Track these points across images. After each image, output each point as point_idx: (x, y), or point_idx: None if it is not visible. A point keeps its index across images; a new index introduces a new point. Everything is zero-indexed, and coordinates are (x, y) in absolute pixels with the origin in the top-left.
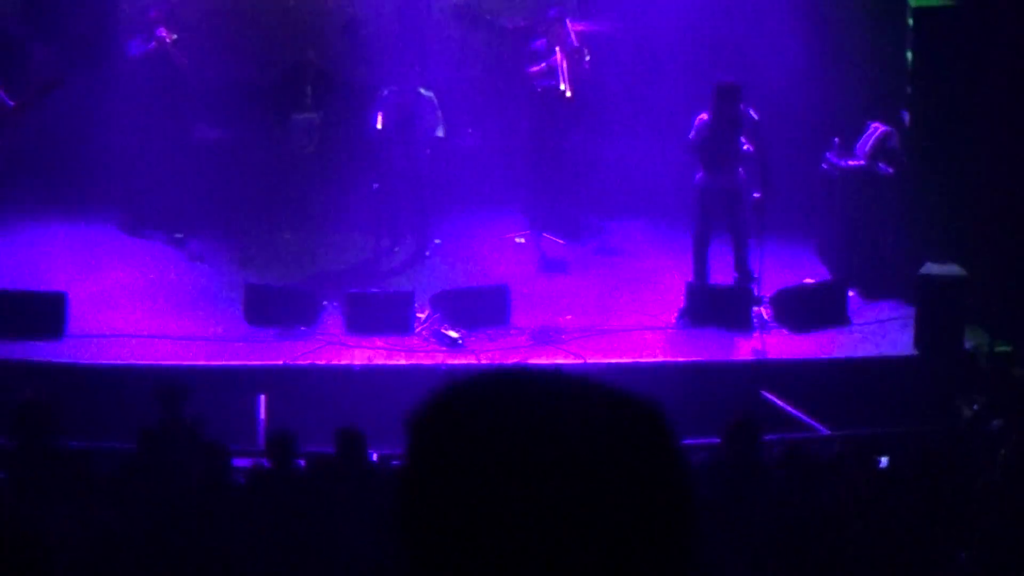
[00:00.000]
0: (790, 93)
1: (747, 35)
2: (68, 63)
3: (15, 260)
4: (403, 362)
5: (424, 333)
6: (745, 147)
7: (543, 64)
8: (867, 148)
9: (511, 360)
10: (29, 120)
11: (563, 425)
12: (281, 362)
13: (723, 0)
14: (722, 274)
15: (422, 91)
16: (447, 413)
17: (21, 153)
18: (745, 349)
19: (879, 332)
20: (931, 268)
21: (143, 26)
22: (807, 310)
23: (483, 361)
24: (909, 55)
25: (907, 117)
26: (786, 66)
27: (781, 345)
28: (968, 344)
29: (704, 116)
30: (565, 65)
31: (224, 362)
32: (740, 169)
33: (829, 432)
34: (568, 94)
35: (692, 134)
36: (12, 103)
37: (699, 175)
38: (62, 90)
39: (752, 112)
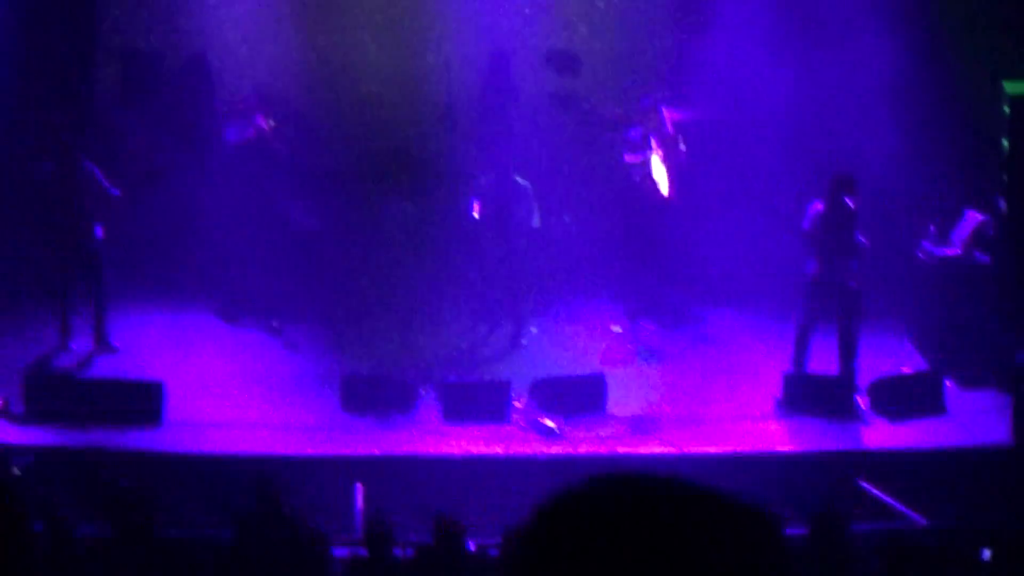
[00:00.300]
0: (886, 181)
1: (843, 121)
2: (168, 150)
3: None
4: (500, 451)
5: (521, 422)
6: (859, 239)
7: (638, 153)
8: (964, 236)
9: (607, 449)
10: (132, 208)
11: (678, 536)
12: (378, 451)
13: (819, 86)
14: (818, 363)
15: (518, 179)
16: (568, 513)
17: (119, 241)
18: (842, 439)
19: (976, 422)
20: None
21: (242, 112)
22: (904, 399)
23: (580, 451)
24: (1005, 143)
25: (1004, 205)
26: (882, 153)
27: (878, 434)
28: None
29: (818, 205)
30: (661, 154)
31: (321, 451)
32: (854, 262)
33: (927, 523)
34: (664, 185)
35: (806, 223)
36: (116, 191)
37: (811, 265)
38: (166, 178)
39: (850, 200)
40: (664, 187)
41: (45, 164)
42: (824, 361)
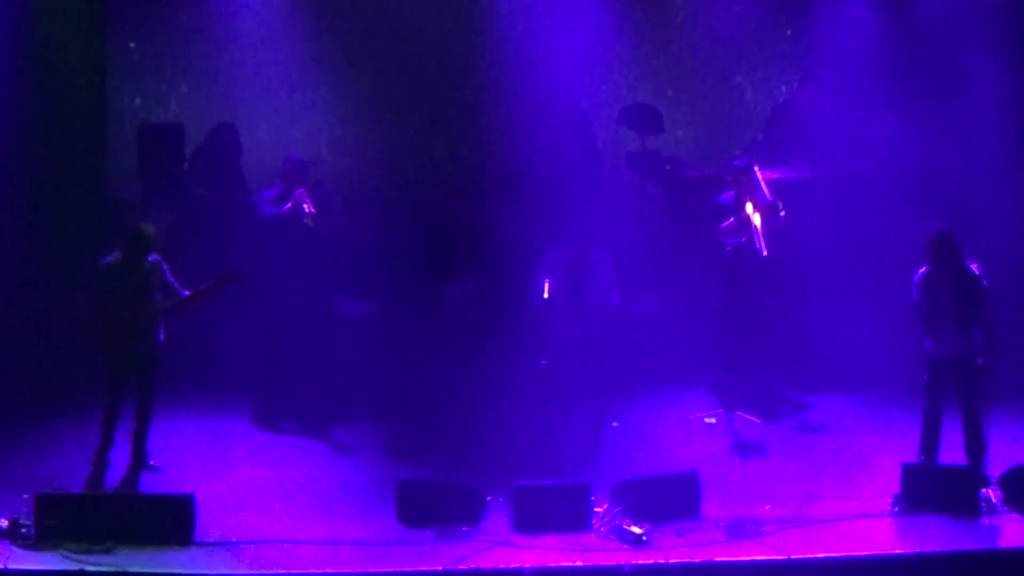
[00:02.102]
0: (1014, 243)
1: (962, 178)
2: (190, 229)
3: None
4: (580, 564)
5: (603, 529)
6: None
7: (732, 220)
8: None
9: (702, 557)
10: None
11: None
12: (441, 568)
13: (934, 134)
14: (949, 453)
15: (594, 251)
16: None
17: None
18: (972, 538)
19: None
20: None
21: (278, 179)
22: None
23: (671, 560)
24: None
25: None
26: (1007, 213)
27: (1013, 532)
28: None
29: (924, 271)
30: (758, 221)
31: (376, 568)
32: (976, 333)
33: None
34: (764, 253)
35: (914, 292)
36: (186, 293)
37: (928, 341)
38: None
39: (973, 266)
40: (763, 248)
41: (112, 255)
42: (955, 451)
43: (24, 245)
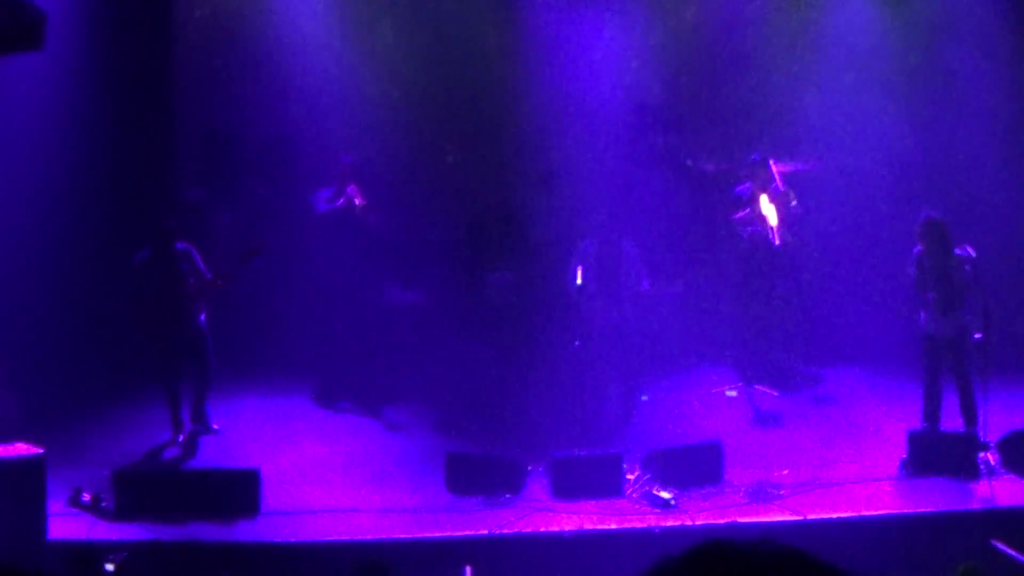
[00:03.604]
0: (1011, 226)
1: (964, 166)
2: (251, 227)
3: (209, 437)
4: (614, 527)
5: (635, 495)
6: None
7: (747, 211)
8: None
9: (726, 519)
10: (230, 291)
11: None
12: (487, 532)
13: (934, 129)
14: (948, 420)
15: (623, 241)
16: None
17: (212, 323)
18: (973, 498)
19: None
20: None
21: (332, 179)
22: None
23: (697, 522)
24: None
25: None
26: (1006, 199)
27: (1011, 492)
28: None
29: (918, 249)
30: (773, 211)
31: (427, 534)
32: (966, 311)
33: None
34: (777, 242)
35: (912, 269)
36: (210, 275)
37: (922, 316)
38: (263, 256)
39: (969, 249)
40: (776, 236)
41: (143, 251)
42: (954, 419)
43: (99, 242)
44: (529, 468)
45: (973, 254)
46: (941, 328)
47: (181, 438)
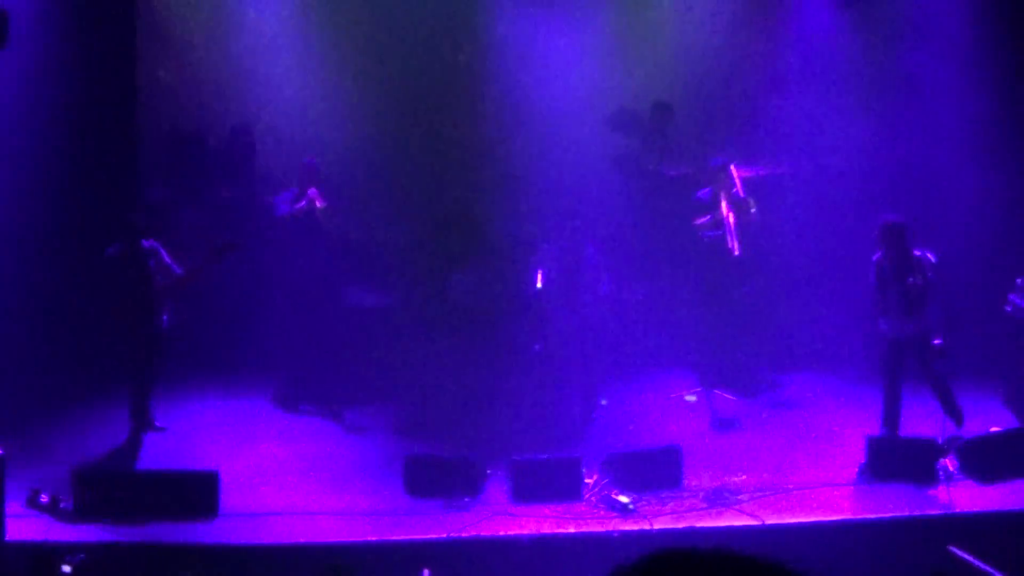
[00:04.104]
0: (971, 232)
1: (924, 174)
2: (217, 226)
3: (168, 437)
4: (572, 530)
5: (593, 499)
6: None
7: (709, 216)
8: None
9: (685, 524)
10: (195, 290)
11: None
12: (445, 535)
13: (898, 133)
14: (908, 425)
15: (586, 245)
16: None
17: (176, 323)
18: (931, 503)
19: None
20: None
21: (294, 181)
22: (995, 460)
23: (656, 527)
24: None
25: None
26: (966, 204)
27: (969, 497)
28: None
29: (877, 256)
30: (731, 217)
31: (385, 537)
32: (927, 315)
33: None
34: (736, 251)
35: (872, 276)
36: (179, 270)
37: (882, 322)
38: (234, 252)
39: (929, 255)
40: (735, 245)
41: (113, 247)
42: (916, 424)
43: (62, 242)
44: (488, 471)
45: (933, 259)
46: (903, 330)
47: (141, 437)
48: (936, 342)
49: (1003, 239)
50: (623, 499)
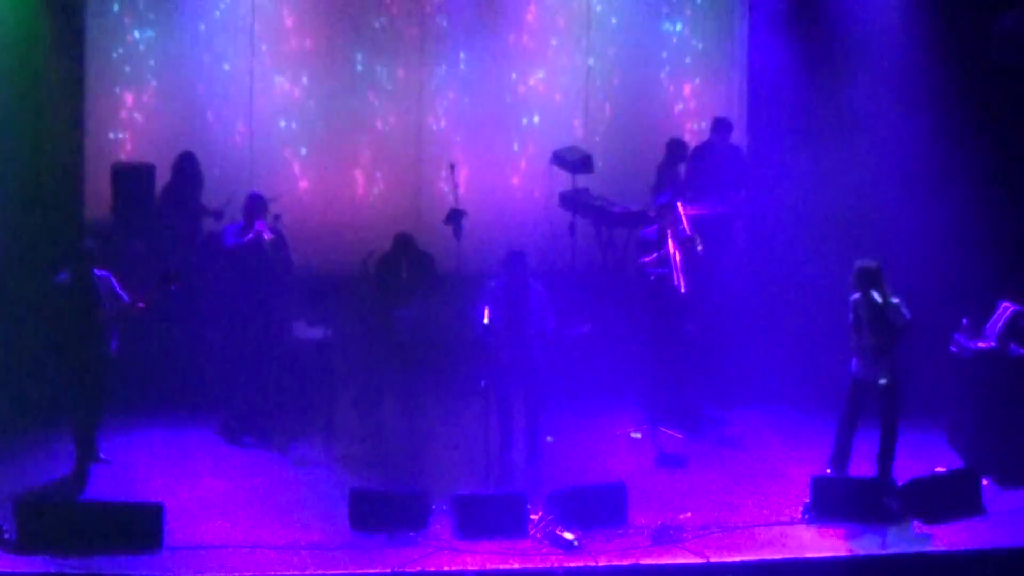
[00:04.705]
0: (913, 273)
1: (867, 209)
2: (162, 258)
3: (112, 469)
4: (517, 566)
5: (538, 535)
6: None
7: (655, 254)
8: (998, 329)
9: (630, 561)
10: (142, 319)
11: None
12: (390, 570)
13: (844, 172)
14: (855, 465)
15: (531, 281)
16: None
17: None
18: (875, 543)
19: (1017, 522)
20: None
21: (241, 214)
22: (939, 500)
23: (600, 564)
24: None
25: None
26: (909, 245)
27: (913, 538)
28: None
29: (855, 297)
30: (678, 255)
31: (330, 571)
32: (889, 358)
33: None
34: (682, 289)
35: (850, 315)
36: (128, 299)
37: (854, 361)
38: (182, 280)
39: (894, 299)
40: (680, 283)
41: (62, 273)
42: (862, 463)
43: (3, 269)
44: (433, 506)
45: (898, 302)
46: (872, 373)
47: (87, 467)
48: (881, 381)
49: (946, 276)
50: (568, 536)
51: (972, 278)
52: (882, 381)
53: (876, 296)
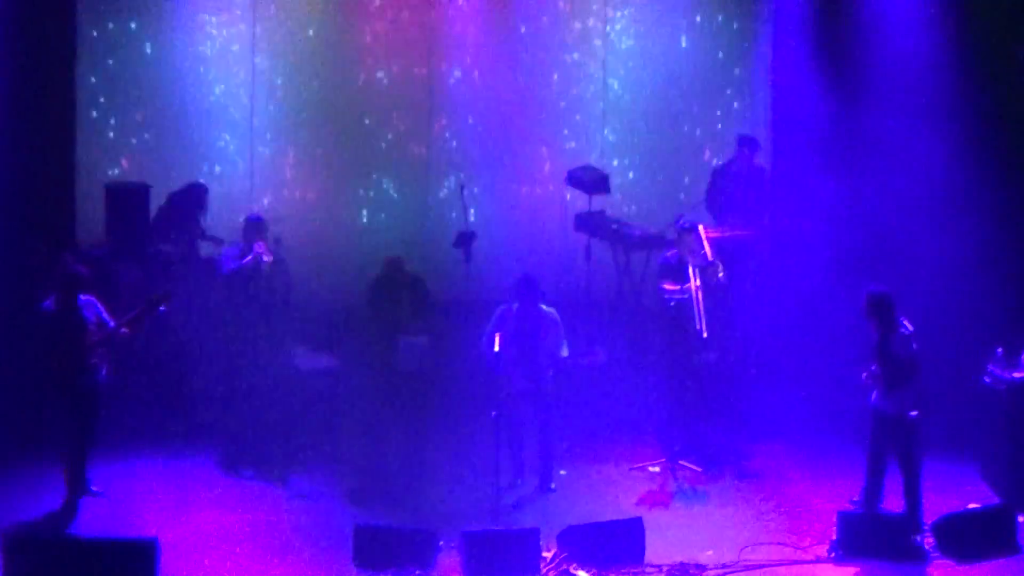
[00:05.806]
0: (946, 300)
1: (893, 237)
2: (155, 284)
3: (105, 502)
4: None
5: (551, 574)
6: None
7: (678, 286)
8: None
9: None
10: (133, 344)
11: None
12: None
13: (870, 196)
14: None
15: (543, 307)
16: None
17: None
18: None
19: None
20: None
21: (240, 237)
22: (973, 538)
23: None
24: None
25: None
26: (936, 272)
27: None
28: None
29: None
30: (698, 282)
31: None
32: (909, 389)
33: None
34: (704, 334)
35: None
36: (113, 323)
37: (873, 395)
38: (166, 308)
39: (907, 323)
40: (700, 313)
41: (48, 300)
42: (895, 499)
43: None
44: (441, 543)
45: (910, 328)
46: (885, 405)
47: (77, 500)
48: (911, 414)
49: (974, 304)
50: (582, 574)
51: (1001, 305)
52: (890, 413)
53: (907, 325)
